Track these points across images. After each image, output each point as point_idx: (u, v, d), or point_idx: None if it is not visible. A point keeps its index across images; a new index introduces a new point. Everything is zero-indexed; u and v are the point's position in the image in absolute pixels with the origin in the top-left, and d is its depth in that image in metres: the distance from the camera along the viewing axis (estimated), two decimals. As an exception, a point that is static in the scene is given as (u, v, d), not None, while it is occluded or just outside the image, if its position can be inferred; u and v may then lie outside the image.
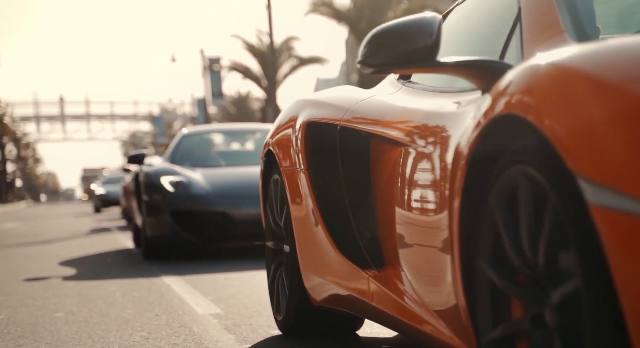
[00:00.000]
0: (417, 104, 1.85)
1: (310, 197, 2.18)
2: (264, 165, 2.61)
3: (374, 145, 1.98)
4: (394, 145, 1.85)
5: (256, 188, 5.46)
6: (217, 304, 3.37)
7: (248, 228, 5.39)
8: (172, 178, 5.66)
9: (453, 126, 1.54)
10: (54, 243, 8.48)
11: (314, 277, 2.22)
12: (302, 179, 2.22)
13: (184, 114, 50.93)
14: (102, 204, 20.35)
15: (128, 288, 4.11)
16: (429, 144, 1.65)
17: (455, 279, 1.41)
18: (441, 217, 1.48)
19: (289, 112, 2.45)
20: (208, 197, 5.50)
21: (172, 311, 3.24)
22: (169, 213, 5.46)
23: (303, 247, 2.26)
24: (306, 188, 2.20)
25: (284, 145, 2.37)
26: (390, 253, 1.87)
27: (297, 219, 2.27)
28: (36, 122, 52.06)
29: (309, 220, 2.19)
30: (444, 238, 1.47)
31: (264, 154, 2.59)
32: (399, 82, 2.14)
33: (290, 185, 2.30)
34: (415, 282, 1.71)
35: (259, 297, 3.54)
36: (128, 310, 3.32)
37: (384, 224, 1.90)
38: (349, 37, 37.83)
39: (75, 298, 3.79)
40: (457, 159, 1.41)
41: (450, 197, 1.42)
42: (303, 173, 2.22)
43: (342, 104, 2.16)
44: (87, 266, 5.54)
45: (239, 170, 5.92)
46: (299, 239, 2.28)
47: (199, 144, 6.72)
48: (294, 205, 2.28)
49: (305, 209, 2.21)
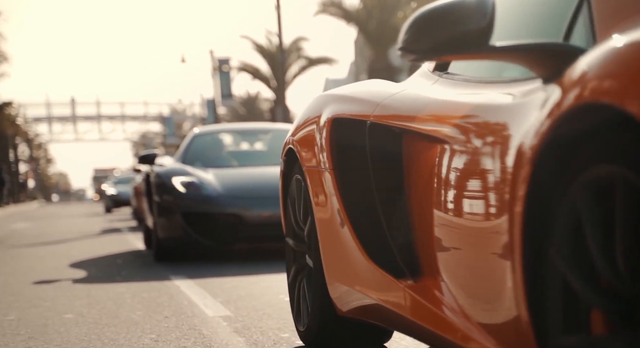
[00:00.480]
0: (460, 97, 1.66)
1: (336, 198, 2.00)
2: (284, 164, 2.45)
3: (409, 142, 1.80)
4: (433, 142, 1.66)
5: (269, 189, 5.30)
6: (226, 306, 3.36)
7: (261, 230, 5.29)
8: (183, 179, 5.55)
9: (512, 120, 1.35)
10: (64, 243, 8.51)
11: (340, 285, 2.04)
12: (327, 179, 2.05)
13: (194, 115, 51.06)
14: (113, 204, 20.34)
15: (137, 289, 4.11)
16: (480, 141, 1.46)
17: (516, 288, 1.24)
18: (499, 221, 1.30)
19: (313, 108, 2.26)
20: (220, 198, 5.39)
21: (182, 313, 3.23)
22: (180, 214, 5.36)
23: (328, 252, 2.09)
24: (332, 188, 2.03)
25: (307, 144, 2.20)
26: (427, 261, 1.69)
27: (322, 222, 2.10)
28: (48, 123, 52.42)
29: (334, 223, 2.02)
30: (501, 245, 1.29)
31: (284, 153, 2.43)
32: (434, 74, 1.94)
33: (314, 185, 2.13)
34: (460, 293, 1.54)
35: (268, 299, 3.52)
36: (137, 311, 3.31)
37: (419, 229, 1.73)
38: (358, 37, 37.75)
39: (84, 300, 3.78)
40: (521, 156, 1.23)
41: (512, 199, 1.25)
42: (328, 173, 2.04)
43: (372, 99, 1.97)
44: (97, 267, 5.54)
45: (252, 170, 5.81)
46: (323, 243, 2.10)
47: (211, 143, 6.60)
48: (318, 207, 2.11)
49: (330, 211, 2.04)
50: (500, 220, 1.30)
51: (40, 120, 51.76)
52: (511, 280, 1.25)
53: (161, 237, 5.48)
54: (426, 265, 1.70)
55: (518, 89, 1.45)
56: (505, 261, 1.28)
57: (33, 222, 15.99)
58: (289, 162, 2.41)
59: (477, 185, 1.44)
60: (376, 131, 1.90)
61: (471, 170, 1.47)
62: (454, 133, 1.57)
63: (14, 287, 4.49)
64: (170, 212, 5.42)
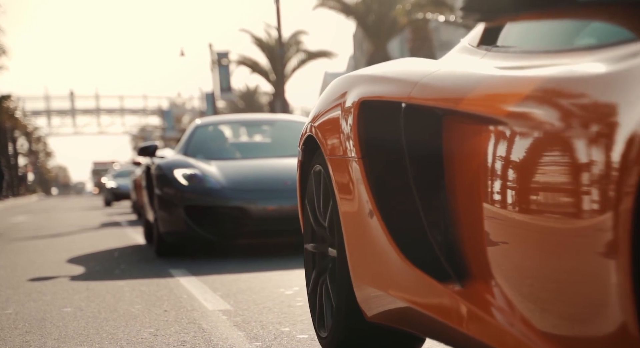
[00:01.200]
0: (525, 71, 1.36)
1: (365, 190, 1.75)
2: (302, 154, 2.21)
3: (453, 126, 1.53)
4: (487, 125, 1.39)
5: (274, 181, 5.18)
6: (226, 300, 3.34)
7: (266, 224, 5.11)
8: (185, 171, 5.33)
9: (612, 93, 1.08)
10: (63, 237, 8.49)
11: (368, 287, 1.81)
12: (355, 170, 1.80)
13: (193, 108, 50.96)
14: (113, 198, 20.06)
15: (136, 283, 4.09)
16: (563, 123, 1.16)
17: (623, 294, 1.03)
18: (600, 219, 1.07)
19: (336, 90, 2.00)
20: (224, 191, 5.18)
21: (181, 307, 3.21)
22: (182, 208, 5.16)
23: (355, 251, 1.84)
24: (360, 180, 1.78)
25: (331, 130, 1.95)
26: (476, 262, 1.45)
27: (348, 218, 1.86)
28: (47, 116, 52.35)
29: (363, 219, 1.77)
30: (603, 244, 1.07)
31: (302, 141, 2.19)
32: (480, 49, 1.69)
33: (339, 177, 1.88)
34: (522, 300, 1.28)
35: (268, 293, 3.50)
36: (136, 305, 3.29)
37: (465, 226, 1.48)
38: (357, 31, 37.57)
39: (83, 293, 3.76)
40: (634, 141, 0.98)
41: (619, 194, 1.02)
42: (356, 162, 1.79)
43: (408, 78, 1.70)
44: (96, 261, 5.52)
45: (256, 162, 5.60)
46: (349, 241, 1.86)
47: (214, 135, 6.37)
48: (343, 201, 1.87)
49: (358, 206, 1.79)
50: (602, 217, 1.07)
51: (39, 113, 51.69)
52: (616, 284, 1.04)
53: (162, 231, 5.30)
54: (475, 267, 1.46)
55: (606, 56, 1.18)
56: (608, 261, 1.06)
57: (32, 215, 15.98)
58: (308, 151, 2.17)
59: (562, 177, 1.16)
60: (413, 114, 1.64)
61: (552, 160, 1.19)
62: (521, 114, 1.27)
63: (13, 280, 4.47)
64: (172, 206, 5.24)
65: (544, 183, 1.22)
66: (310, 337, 2.48)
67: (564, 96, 1.20)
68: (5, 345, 2.58)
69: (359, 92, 1.85)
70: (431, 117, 1.60)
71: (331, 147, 1.95)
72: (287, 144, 6.01)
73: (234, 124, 6.82)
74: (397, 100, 1.70)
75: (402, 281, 1.66)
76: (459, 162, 1.52)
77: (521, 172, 1.28)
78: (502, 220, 1.34)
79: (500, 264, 1.36)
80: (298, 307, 3.05)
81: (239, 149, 6.21)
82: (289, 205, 5.04)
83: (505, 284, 1.34)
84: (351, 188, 1.83)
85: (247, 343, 2.42)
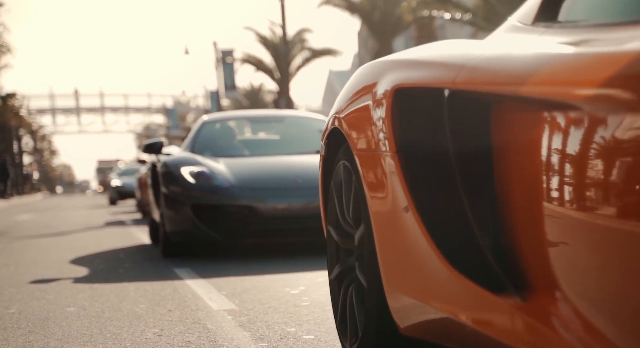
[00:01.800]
0: (606, 46, 1.15)
1: (401, 188, 1.53)
2: (326, 149, 2.00)
3: (507, 115, 1.32)
4: (556, 112, 1.18)
5: (284, 180, 5.03)
6: (231, 299, 3.30)
7: (275, 223, 4.92)
8: (192, 169, 5.14)
9: None
10: (67, 235, 8.47)
11: (403, 296, 1.60)
12: (389, 165, 1.58)
13: (197, 107, 50.98)
14: (118, 196, 19.77)
15: (141, 282, 4.05)
16: None
17: None
18: None
19: (365, 77, 1.78)
20: (232, 189, 4.99)
21: (186, 306, 3.17)
22: (189, 206, 4.98)
23: (388, 256, 1.63)
24: (395, 177, 1.55)
25: (360, 122, 1.73)
26: (537, 270, 1.24)
27: (379, 218, 1.64)
28: (52, 114, 52.47)
29: (398, 220, 1.56)
30: None
31: (326, 134, 1.99)
32: (537, 26, 1.46)
33: (369, 173, 1.67)
34: (599, 316, 1.09)
35: (273, 292, 3.45)
36: (141, 305, 3.26)
37: (522, 228, 1.28)
38: (362, 28, 37.52)
39: (87, 292, 3.73)
40: None
41: None
42: (390, 157, 1.57)
43: (453, 61, 1.47)
44: (100, 260, 5.49)
45: (266, 160, 5.42)
46: (381, 244, 1.64)
47: (221, 131, 6.15)
48: (374, 200, 1.65)
49: (392, 205, 1.58)
50: None
51: (44, 111, 51.82)
52: None
53: (169, 231, 5.12)
54: (535, 276, 1.25)
55: None
56: None
57: (37, 213, 15.99)
58: (332, 145, 1.96)
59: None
60: (460, 102, 1.41)
61: (633, 150, 1.00)
62: (602, 97, 1.06)
63: (16, 279, 4.44)
64: (178, 204, 5.06)
65: (622, 179, 1.02)
66: (317, 338, 2.43)
67: None
68: (8, 345, 2.55)
69: (393, 79, 1.61)
70: (480, 104, 1.37)
71: (360, 140, 1.73)
72: (297, 141, 5.91)
73: (242, 120, 6.61)
74: (439, 86, 1.46)
75: (445, 291, 1.44)
76: (514, 155, 1.30)
77: (594, 166, 1.07)
78: (570, 221, 1.12)
79: (567, 272, 1.16)
80: (304, 307, 3.01)
81: (247, 146, 5.99)
82: (299, 204, 4.92)
83: (573, 296, 1.15)
84: (384, 186, 1.60)
85: (252, 344, 2.38)
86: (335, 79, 50.22)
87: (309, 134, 6.04)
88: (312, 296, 3.28)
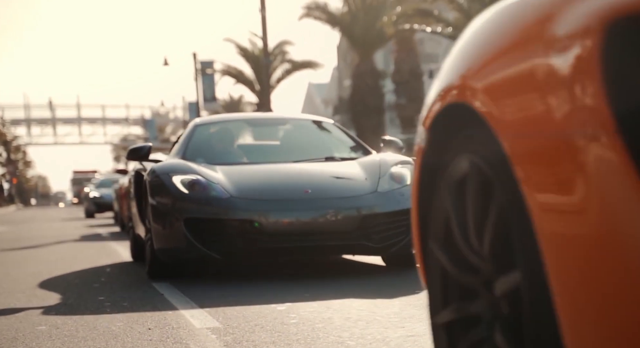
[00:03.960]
0: None
1: (630, 191, 0.84)
2: (431, 135, 1.30)
3: None
4: None
5: (289, 190, 4.33)
6: (214, 316, 3.12)
7: (280, 240, 4.22)
8: (185, 177, 4.42)
9: None
10: (42, 248, 8.19)
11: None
12: (599, 156, 0.87)
13: (176, 118, 50.58)
14: (96, 208, 18.24)
15: (118, 297, 3.85)
16: None
17: None
18: None
19: (529, 11, 1.03)
20: (232, 201, 4.27)
21: (166, 324, 2.99)
22: (182, 221, 4.26)
23: (582, 302, 0.91)
24: (615, 175, 0.86)
25: (523, 87, 1.00)
26: None
27: (566, 251, 0.93)
28: (27, 125, 51.69)
29: (617, 250, 0.85)
30: None
31: (431, 117, 1.28)
32: None
33: (541, 173, 0.96)
34: None
35: (259, 309, 3.29)
36: (117, 323, 3.07)
37: None
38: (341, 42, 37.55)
39: (60, 309, 3.53)
40: None
41: None
42: (603, 143, 0.86)
43: None
44: (75, 274, 5.26)
45: (269, 168, 4.70)
46: (571, 300, 0.93)
47: (216, 136, 5.35)
48: (551, 215, 0.95)
49: (597, 221, 0.88)
50: None
51: (19, 122, 51.04)
52: None
53: (157, 248, 4.39)
54: None
55: None
56: None
57: (11, 225, 15.54)
58: (446, 131, 1.28)
59: None
60: None
61: None
62: None
63: (-15, 295, 4.21)
64: (169, 218, 4.32)
65: None
66: (309, 359, 2.28)
67: None
68: (-28, 367, 2.35)
69: (598, 6, 0.89)
70: None
71: (521, 120, 1.01)
72: (303, 147, 5.23)
73: (239, 123, 5.78)
74: None
75: None
76: None
77: None
78: None
79: None
80: (292, 325, 2.85)
81: (246, 152, 5.18)
82: (308, 217, 4.24)
83: None
84: (578, 193, 0.92)
85: (239, 366, 2.22)
86: (315, 91, 50.30)
87: (315, 139, 5.40)
88: (299, 312, 3.12)
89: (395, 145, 5.24)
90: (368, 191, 4.41)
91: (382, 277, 4.36)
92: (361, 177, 4.54)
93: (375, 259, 5.11)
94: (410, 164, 4.68)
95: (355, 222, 4.27)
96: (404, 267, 4.59)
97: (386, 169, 4.59)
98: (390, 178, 4.52)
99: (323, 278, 4.33)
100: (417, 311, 3.04)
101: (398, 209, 4.37)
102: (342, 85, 43.53)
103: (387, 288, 3.81)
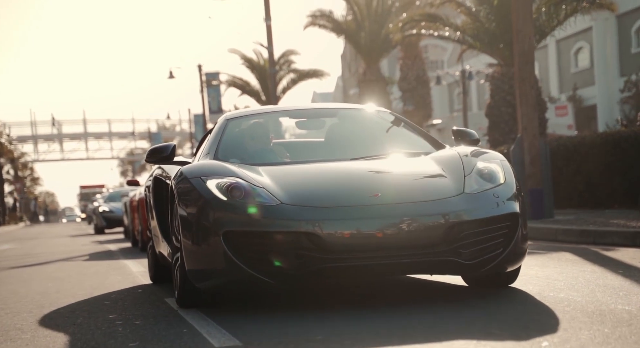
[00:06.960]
0: None
1: None
2: None
3: None
4: None
5: (357, 195, 3.38)
6: (233, 334, 2.92)
7: (344, 258, 3.26)
8: (223, 181, 3.47)
9: None
10: (50, 265, 8.02)
11: None
12: None
13: (182, 131, 50.59)
14: (105, 224, 16.92)
15: (130, 315, 3.65)
16: None
17: None
18: None
19: None
20: (283, 209, 3.32)
21: (182, 344, 2.79)
22: (221, 235, 3.32)
23: None
24: None
25: None
26: None
27: None
28: (33, 142, 51.91)
29: None
30: None
31: None
32: None
33: None
34: None
35: (280, 324, 3.08)
36: (130, 343, 2.87)
37: None
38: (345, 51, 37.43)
39: (69, 329, 3.33)
40: None
41: None
42: None
43: None
44: (85, 291, 5.07)
45: (323, 167, 3.76)
46: None
47: (251, 132, 4.36)
48: None
49: None
50: None
51: (26, 139, 51.28)
52: None
53: (190, 270, 3.48)
54: None
55: None
56: None
57: (18, 242, 15.42)
58: None
59: None
60: None
61: None
62: None
63: (-9, 315, 4.03)
64: (204, 232, 3.38)
65: None
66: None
67: None
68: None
69: None
70: None
71: None
72: (359, 142, 4.22)
73: (277, 115, 4.74)
74: None
75: None
76: None
77: None
78: None
79: None
80: (318, 342, 2.64)
81: (290, 150, 4.30)
82: (378, 228, 3.28)
83: None
84: None
85: (267, 391, 2.01)
86: (320, 100, 50.27)
87: (372, 131, 4.39)
88: (326, 329, 2.91)
89: (470, 137, 4.19)
90: (454, 193, 3.41)
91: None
92: (442, 176, 3.55)
93: (452, 278, 4.06)
94: (500, 158, 3.73)
95: (440, 233, 3.27)
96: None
97: (471, 165, 3.60)
98: (478, 176, 3.54)
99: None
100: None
101: (493, 215, 3.38)
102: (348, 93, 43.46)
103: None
